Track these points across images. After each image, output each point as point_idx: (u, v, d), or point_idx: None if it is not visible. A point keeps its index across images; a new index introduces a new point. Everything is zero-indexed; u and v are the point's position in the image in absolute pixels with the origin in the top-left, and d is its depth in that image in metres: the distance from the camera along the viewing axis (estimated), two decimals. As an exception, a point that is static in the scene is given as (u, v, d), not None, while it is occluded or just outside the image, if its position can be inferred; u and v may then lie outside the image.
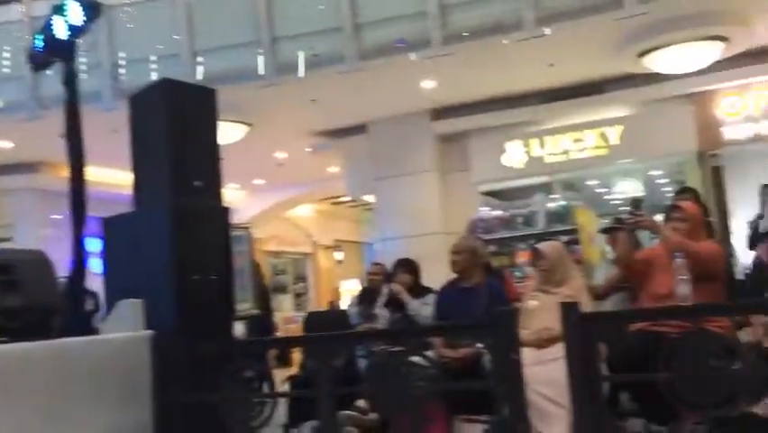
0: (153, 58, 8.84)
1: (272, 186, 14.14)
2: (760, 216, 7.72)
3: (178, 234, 4.78)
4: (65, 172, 5.03)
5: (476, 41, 8.23)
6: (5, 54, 9.02)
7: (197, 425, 3.99)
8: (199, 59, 8.92)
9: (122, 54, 8.97)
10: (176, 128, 5.32)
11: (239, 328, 4.66)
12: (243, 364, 3.73)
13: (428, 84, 9.39)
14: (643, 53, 8.45)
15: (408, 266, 4.97)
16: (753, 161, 9.22)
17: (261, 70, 8.74)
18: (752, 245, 6.87)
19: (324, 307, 15.69)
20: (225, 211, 5.20)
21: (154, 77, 8.13)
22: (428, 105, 10.31)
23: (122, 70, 8.91)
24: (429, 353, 4.15)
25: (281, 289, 16.74)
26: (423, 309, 4.65)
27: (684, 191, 6.40)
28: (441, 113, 10.47)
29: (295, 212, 16.78)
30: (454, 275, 4.59)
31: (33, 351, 2.91)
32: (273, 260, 16.65)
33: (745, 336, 3.51)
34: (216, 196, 5.28)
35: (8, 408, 2.67)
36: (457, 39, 8.29)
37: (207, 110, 5.54)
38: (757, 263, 3.83)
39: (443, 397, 3.75)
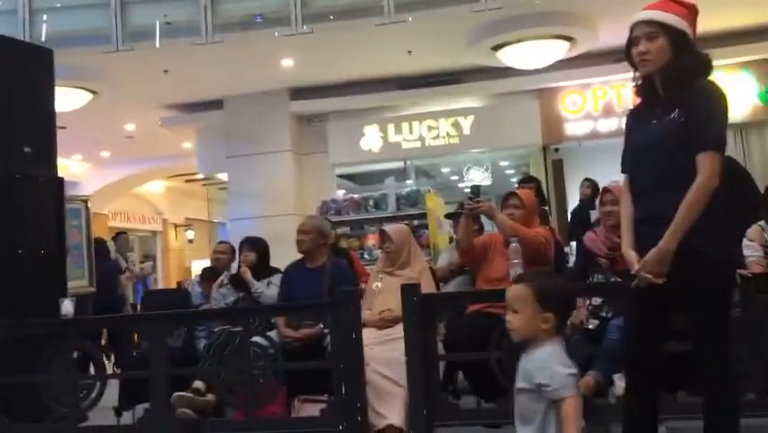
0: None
1: (120, 159, 13.46)
2: (581, 207, 8.30)
3: (5, 204, 4.44)
4: None
5: (336, 23, 8.20)
6: None
7: (21, 406, 3.74)
8: (42, 17, 8.29)
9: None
10: (8, 89, 4.92)
11: (70, 306, 4.40)
12: (69, 344, 3.51)
13: (288, 63, 9.26)
14: (496, 47, 8.76)
15: (255, 245, 4.88)
16: (589, 156, 9.86)
17: (111, 35, 8.26)
18: (571, 234, 7.38)
19: (173, 287, 15.18)
20: (58, 182, 4.88)
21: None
22: (287, 85, 10.17)
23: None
24: (271, 333, 4.10)
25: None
26: (268, 290, 4.58)
27: (527, 180, 6.71)
28: (300, 93, 10.37)
29: (145, 188, 16.09)
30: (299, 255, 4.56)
31: None
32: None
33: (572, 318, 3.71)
34: (49, 164, 4.94)
35: None
36: (318, 19, 8.22)
37: (43, 72, 5.17)
38: (581, 249, 4.08)
39: (284, 377, 3.71)
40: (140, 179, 14.95)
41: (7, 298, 4.09)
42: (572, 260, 5.13)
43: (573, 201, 9.40)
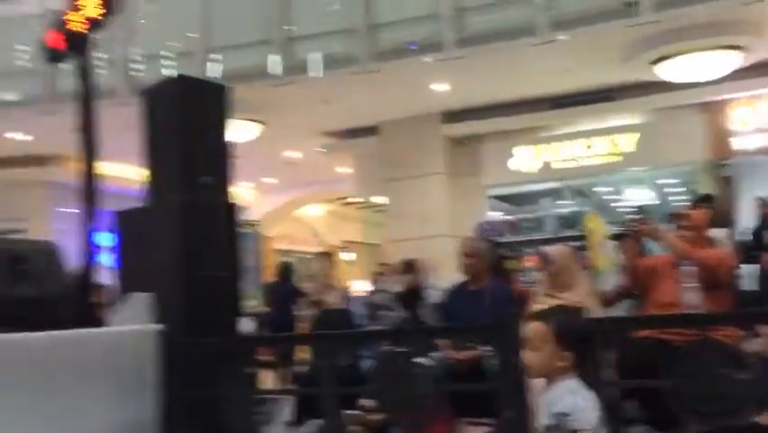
0: (168, 54, 8.90)
1: (283, 185, 14.18)
2: (760, 228, 7.70)
3: (186, 229, 4.81)
4: (78, 166, 5.08)
5: (489, 45, 8.24)
6: (24, 48, 9.10)
7: (201, 420, 4.01)
8: (214, 56, 8.97)
9: (137, 50, 9.03)
10: (187, 124, 5.35)
11: (248, 324, 4.68)
12: (246, 360, 3.75)
13: (440, 87, 9.41)
14: (655, 61, 8.43)
15: (412, 266, 4.98)
16: (761, 172, 9.19)
17: (275, 69, 8.79)
18: (750, 255, 6.85)
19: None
20: (233, 208, 5.24)
21: (168, 73, 8.19)
22: (440, 108, 10.32)
23: (136, 66, 8.97)
24: (435, 354, 4.16)
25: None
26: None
27: (703, 200, 6.36)
28: (452, 116, 10.48)
29: (305, 211, 16.82)
30: (461, 277, 4.60)
31: (38, 340, 2.92)
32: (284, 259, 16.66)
33: (754, 345, 3.50)
34: (225, 192, 5.32)
35: (7, 397, 2.66)
36: (470, 42, 8.30)
37: (220, 107, 5.58)
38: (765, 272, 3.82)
39: (447, 398, 3.76)
40: (300, 203, 15.65)
41: (192, 315, 4.42)
42: (745, 282, 4.82)
43: (744, 220, 8.78)
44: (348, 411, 3.84)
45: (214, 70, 8.85)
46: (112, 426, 3.30)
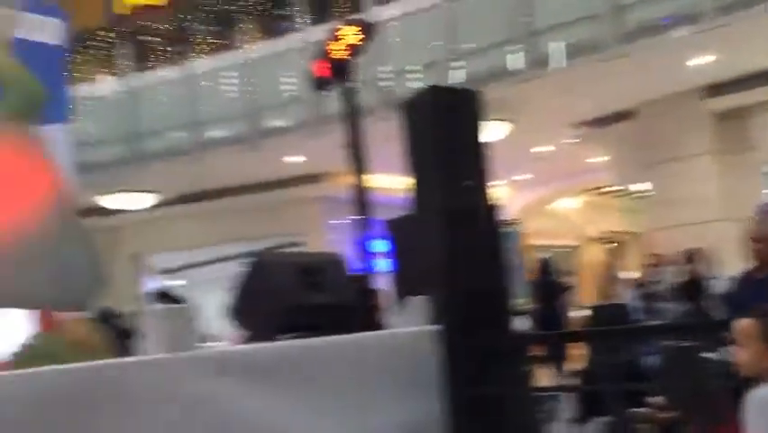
0: (414, 68, 9.28)
1: (535, 180, 14.08)
2: None
3: (452, 233, 4.98)
4: (347, 181, 5.50)
5: (755, 8, 7.49)
6: (291, 79, 10.06)
7: (484, 419, 4.12)
8: (455, 64, 9.19)
9: (386, 68, 9.55)
10: (444, 131, 5.57)
11: (522, 322, 4.73)
12: (522, 358, 3.78)
13: (701, 59, 8.72)
14: None
15: (693, 256, 4.68)
16: None
17: (516, 65, 8.78)
18: None
19: (593, 301, 15.23)
20: (494, 209, 5.33)
21: (416, 86, 8.55)
22: (701, 82, 9.57)
23: (388, 83, 9.48)
24: (724, 348, 3.87)
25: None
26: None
27: None
28: (716, 89, 9.65)
29: (559, 204, 16.53)
30: (747, 264, 4.22)
31: (335, 344, 3.17)
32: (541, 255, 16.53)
33: None
34: (485, 194, 5.44)
35: (312, 395, 2.91)
36: (732, 8, 7.61)
37: (473, 111, 5.73)
38: None
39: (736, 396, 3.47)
40: (552, 197, 15.42)
41: (467, 315, 4.56)
42: None
43: None
44: (635, 409, 3.72)
45: (456, 77, 9.07)
46: (397, 425, 3.46)
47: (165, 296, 8.60)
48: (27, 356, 6.31)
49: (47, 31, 7.66)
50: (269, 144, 10.22)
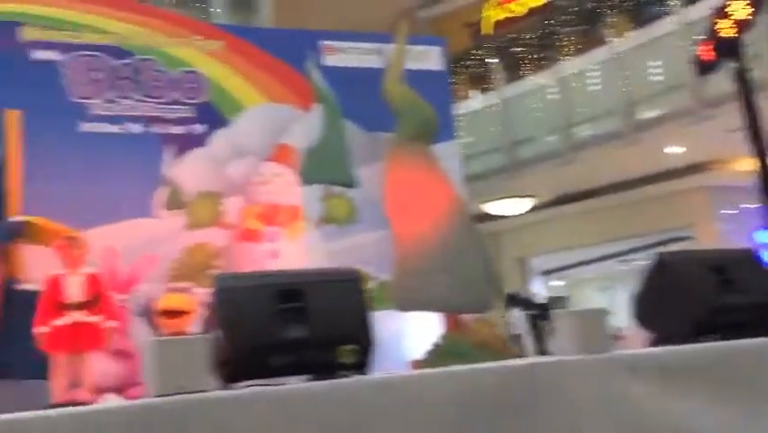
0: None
1: None
2: None
3: None
4: (740, 167, 5.04)
5: None
6: (665, 66, 9.55)
7: None
8: None
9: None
10: None
11: None
12: None
13: None
14: None
15: None
16: None
17: None
18: None
19: None
20: None
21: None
22: None
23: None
24: None
25: None
26: None
27: None
28: None
29: None
30: None
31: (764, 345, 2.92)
32: None
33: None
34: None
35: (745, 398, 2.72)
36: None
37: None
38: None
39: None
40: None
41: None
42: None
43: None
44: None
45: None
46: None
47: (524, 301, 8.78)
48: (437, 355, 7.01)
49: (430, 59, 8.47)
50: (646, 137, 9.80)
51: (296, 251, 7.27)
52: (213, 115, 7.44)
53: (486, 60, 12.12)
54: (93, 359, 4.87)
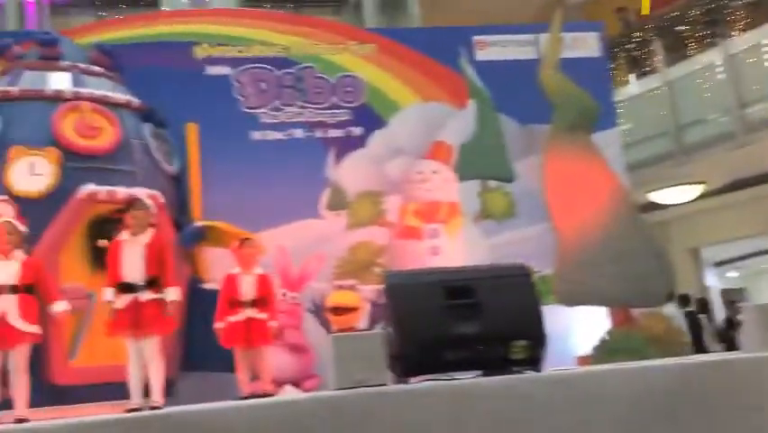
0: None
1: None
2: None
3: None
4: None
5: None
6: None
7: None
8: None
9: None
10: None
11: None
12: None
13: None
14: None
15: None
16: None
17: None
18: None
19: None
20: None
21: None
22: None
23: None
24: None
25: None
26: None
27: None
28: None
29: None
30: None
31: None
32: None
33: None
34: None
35: None
36: None
37: None
38: None
39: None
40: None
41: None
42: None
43: None
44: None
45: None
46: None
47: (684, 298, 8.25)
48: (604, 351, 6.79)
49: (587, 46, 8.21)
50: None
51: (456, 247, 7.32)
52: (370, 117, 7.66)
53: (645, 42, 11.53)
54: (269, 353, 5.15)
